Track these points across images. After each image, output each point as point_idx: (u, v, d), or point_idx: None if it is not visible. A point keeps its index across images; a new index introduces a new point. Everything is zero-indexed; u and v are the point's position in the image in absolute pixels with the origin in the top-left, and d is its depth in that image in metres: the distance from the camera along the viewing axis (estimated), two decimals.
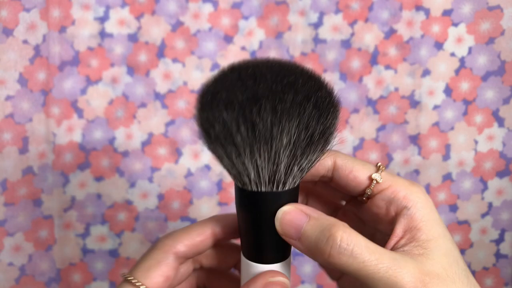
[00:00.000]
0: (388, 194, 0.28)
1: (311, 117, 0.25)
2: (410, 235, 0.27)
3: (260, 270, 0.28)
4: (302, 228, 0.26)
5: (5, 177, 0.50)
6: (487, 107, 0.52)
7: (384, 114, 0.52)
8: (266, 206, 0.27)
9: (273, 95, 0.25)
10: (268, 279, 0.27)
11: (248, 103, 0.25)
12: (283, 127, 0.25)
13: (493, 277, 0.55)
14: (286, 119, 0.25)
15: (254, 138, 0.25)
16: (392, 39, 0.51)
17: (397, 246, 0.27)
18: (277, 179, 0.26)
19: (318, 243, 0.25)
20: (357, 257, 0.24)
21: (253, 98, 0.25)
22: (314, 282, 0.54)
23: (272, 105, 0.25)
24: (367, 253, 0.24)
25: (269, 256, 0.28)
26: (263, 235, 0.28)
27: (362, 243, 0.25)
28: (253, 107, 0.25)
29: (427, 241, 0.26)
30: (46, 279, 0.52)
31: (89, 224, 0.52)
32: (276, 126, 0.25)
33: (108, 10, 0.50)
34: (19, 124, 0.50)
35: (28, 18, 0.48)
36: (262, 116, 0.24)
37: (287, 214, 0.26)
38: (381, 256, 0.25)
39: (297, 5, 0.50)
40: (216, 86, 0.27)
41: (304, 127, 0.25)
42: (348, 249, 0.24)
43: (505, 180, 0.53)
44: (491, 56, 0.51)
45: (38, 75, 0.49)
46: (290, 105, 0.25)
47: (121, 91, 0.51)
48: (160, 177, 0.52)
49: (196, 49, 0.51)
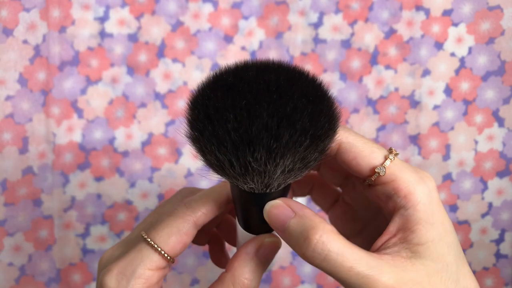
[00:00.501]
0: (389, 190, 0.27)
1: (307, 150, 0.25)
2: (403, 235, 0.27)
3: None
4: (286, 223, 0.27)
5: (5, 177, 0.50)
6: (487, 107, 0.52)
7: (384, 114, 0.52)
8: (257, 201, 0.28)
9: (268, 135, 0.24)
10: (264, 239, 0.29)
11: (241, 144, 0.24)
12: (278, 163, 0.25)
13: (493, 277, 0.55)
14: (281, 157, 0.24)
15: (247, 172, 0.25)
16: (392, 39, 0.51)
17: (387, 244, 0.27)
18: (270, 188, 0.27)
19: (297, 241, 0.26)
20: (330, 262, 0.25)
21: (247, 139, 0.24)
22: (314, 282, 0.54)
23: (266, 146, 0.24)
24: (341, 259, 0.25)
25: (262, 230, 0.30)
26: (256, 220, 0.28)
27: (338, 248, 0.25)
28: (246, 149, 0.24)
29: (418, 245, 0.26)
30: (46, 279, 0.52)
31: (89, 224, 0.52)
32: (271, 163, 0.24)
33: (108, 10, 0.50)
34: (19, 124, 0.50)
35: (28, 18, 0.48)
36: (256, 158, 0.24)
37: (274, 208, 0.27)
38: (356, 263, 0.25)
39: (297, 5, 0.50)
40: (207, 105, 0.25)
41: (300, 159, 0.25)
42: (322, 254, 0.25)
43: (505, 180, 0.53)
44: (491, 56, 0.51)
45: (38, 75, 0.49)
46: (286, 143, 0.24)
47: (121, 91, 0.51)
48: (160, 177, 0.52)
49: (196, 49, 0.51)
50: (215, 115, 0.24)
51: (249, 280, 0.29)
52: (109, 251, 0.32)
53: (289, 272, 0.54)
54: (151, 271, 0.29)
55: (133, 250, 0.29)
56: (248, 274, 0.29)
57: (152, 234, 0.29)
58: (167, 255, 0.29)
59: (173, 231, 0.29)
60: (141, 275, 0.28)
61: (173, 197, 0.34)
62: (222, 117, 0.24)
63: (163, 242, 0.29)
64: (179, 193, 0.34)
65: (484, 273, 0.55)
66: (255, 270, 0.29)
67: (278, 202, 0.27)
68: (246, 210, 0.29)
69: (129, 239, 0.32)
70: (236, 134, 0.24)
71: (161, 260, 0.29)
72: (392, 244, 0.27)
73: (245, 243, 0.30)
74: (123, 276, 0.28)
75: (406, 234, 0.26)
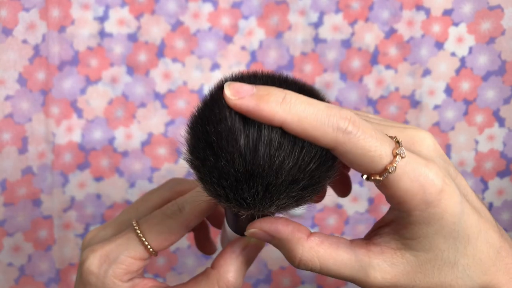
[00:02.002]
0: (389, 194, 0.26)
1: (304, 189, 0.25)
2: (396, 227, 0.27)
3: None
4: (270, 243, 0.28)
5: (4, 177, 0.50)
6: (488, 107, 0.52)
7: (384, 114, 0.52)
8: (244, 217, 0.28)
9: (268, 175, 0.24)
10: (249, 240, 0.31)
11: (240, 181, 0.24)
12: (273, 201, 0.25)
13: None
14: (277, 195, 0.24)
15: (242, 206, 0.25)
16: (392, 38, 0.51)
17: (380, 231, 0.28)
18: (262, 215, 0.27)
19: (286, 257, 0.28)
20: (316, 270, 0.27)
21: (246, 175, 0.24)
22: (314, 283, 0.54)
23: (265, 185, 0.24)
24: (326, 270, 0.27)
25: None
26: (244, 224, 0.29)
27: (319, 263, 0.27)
28: (244, 187, 0.24)
29: (409, 239, 0.26)
30: (45, 279, 0.52)
31: (88, 224, 0.52)
32: (267, 200, 0.25)
33: (107, 10, 0.49)
34: (18, 124, 0.50)
35: (28, 17, 0.48)
36: (253, 195, 0.24)
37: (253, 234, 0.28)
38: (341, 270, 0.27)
39: (297, 5, 0.50)
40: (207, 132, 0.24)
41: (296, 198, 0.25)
42: (307, 267, 0.27)
43: (506, 180, 0.53)
44: (491, 56, 0.51)
45: (37, 75, 0.49)
46: (283, 183, 0.24)
47: (120, 91, 0.51)
48: (160, 177, 0.52)
49: (196, 49, 0.51)
50: (217, 143, 0.24)
51: (234, 278, 0.30)
52: (94, 230, 0.33)
53: (289, 273, 0.54)
54: (134, 260, 0.30)
55: (121, 236, 0.31)
56: (233, 272, 0.30)
57: (143, 227, 0.31)
58: (152, 250, 0.30)
59: (163, 230, 0.30)
60: (123, 262, 0.30)
61: (161, 187, 0.35)
62: (224, 147, 0.24)
63: (151, 238, 0.30)
64: (167, 183, 0.35)
65: None
66: (240, 268, 0.30)
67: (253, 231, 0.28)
68: (235, 215, 0.29)
69: (116, 223, 0.33)
70: (239, 169, 0.24)
71: (145, 252, 0.30)
72: (384, 232, 0.27)
73: (231, 242, 0.31)
74: (106, 258, 0.30)
75: (399, 228, 0.27)
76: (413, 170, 0.25)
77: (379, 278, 0.26)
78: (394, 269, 0.27)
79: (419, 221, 0.25)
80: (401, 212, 0.26)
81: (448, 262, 0.26)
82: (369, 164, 0.25)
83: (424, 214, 0.25)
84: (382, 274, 0.27)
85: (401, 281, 0.27)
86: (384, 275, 0.27)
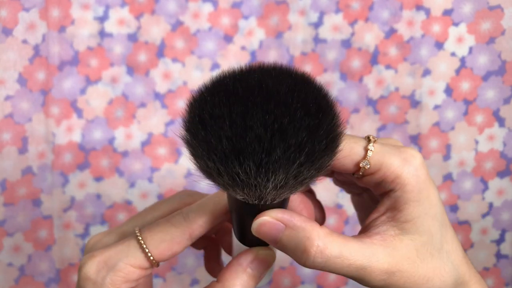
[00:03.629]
0: (377, 178, 0.28)
1: (302, 167, 0.24)
2: (391, 214, 0.28)
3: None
4: (278, 237, 0.27)
5: (4, 177, 0.50)
6: (488, 107, 0.52)
7: (384, 114, 0.52)
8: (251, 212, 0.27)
9: (260, 148, 0.23)
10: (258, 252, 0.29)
11: (230, 155, 0.23)
12: (269, 178, 0.24)
13: (494, 278, 0.55)
14: (272, 172, 0.24)
15: (235, 183, 0.24)
16: (392, 38, 0.51)
17: (375, 222, 0.29)
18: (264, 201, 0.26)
19: (295, 253, 0.27)
20: (331, 265, 0.26)
21: (237, 150, 0.23)
22: (314, 283, 0.54)
23: (256, 159, 0.23)
24: (340, 260, 0.26)
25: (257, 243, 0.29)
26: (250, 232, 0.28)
27: (336, 251, 0.26)
28: (235, 161, 0.23)
29: (404, 223, 0.28)
30: (45, 280, 0.52)
31: (88, 224, 0.52)
32: (261, 177, 0.24)
33: (107, 10, 0.49)
34: (18, 124, 0.50)
35: (28, 17, 0.48)
36: (244, 170, 0.23)
37: (262, 226, 0.27)
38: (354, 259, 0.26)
39: (297, 5, 0.50)
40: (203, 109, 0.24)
41: (293, 176, 0.24)
42: (323, 262, 0.26)
43: (506, 180, 0.53)
44: (491, 56, 0.51)
45: (37, 75, 0.49)
46: (277, 159, 0.23)
47: (120, 91, 0.51)
48: (160, 177, 0.52)
49: (196, 49, 0.51)
50: (209, 120, 0.24)
51: None
52: (98, 236, 0.32)
53: (289, 273, 0.54)
54: (133, 268, 0.29)
55: (122, 243, 0.29)
56: (238, 287, 0.28)
57: (145, 234, 0.29)
58: (153, 259, 0.29)
59: (166, 238, 0.29)
60: (122, 269, 0.28)
61: (171, 198, 0.34)
62: (215, 123, 0.24)
63: (153, 245, 0.29)
64: (177, 194, 0.34)
65: (484, 273, 0.54)
66: (246, 283, 0.29)
67: (265, 218, 0.27)
68: (241, 221, 0.28)
69: (120, 230, 0.32)
70: (228, 143, 0.23)
71: (145, 261, 0.29)
72: (380, 222, 0.28)
73: (239, 254, 0.29)
74: (104, 265, 0.29)
75: (394, 213, 0.28)
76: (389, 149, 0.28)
77: (386, 265, 0.27)
78: (397, 255, 0.27)
79: (411, 198, 0.27)
80: (395, 191, 0.28)
81: (436, 248, 0.28)
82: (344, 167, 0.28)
83: (415, 188, 0.27)
84: (388, 259, 0.27)
85: (405, 266, 0.27)
86: (390, 261, 0.27)
